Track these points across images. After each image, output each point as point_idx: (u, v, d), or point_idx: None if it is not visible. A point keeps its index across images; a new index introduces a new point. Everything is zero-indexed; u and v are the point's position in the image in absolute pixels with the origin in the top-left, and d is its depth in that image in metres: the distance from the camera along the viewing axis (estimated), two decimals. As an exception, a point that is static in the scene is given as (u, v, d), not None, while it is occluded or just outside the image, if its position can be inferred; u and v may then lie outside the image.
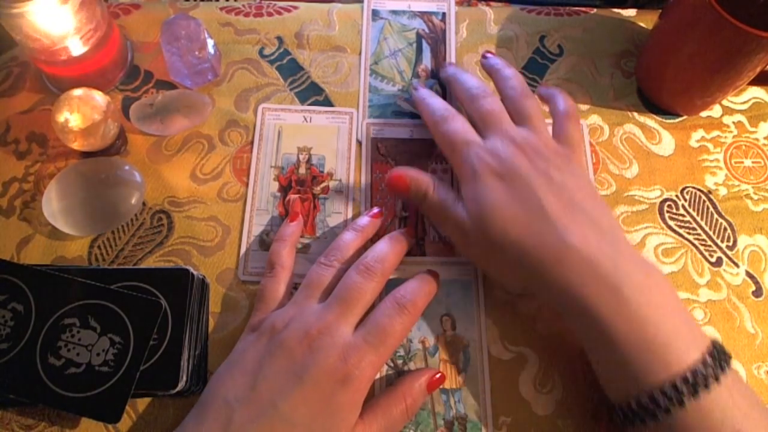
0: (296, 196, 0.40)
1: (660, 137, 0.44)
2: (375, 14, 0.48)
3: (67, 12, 0.37)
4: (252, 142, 0.42)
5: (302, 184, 0.41)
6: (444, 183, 0.37)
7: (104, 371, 0.32)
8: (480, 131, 0.37)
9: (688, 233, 0.41)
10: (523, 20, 0.48)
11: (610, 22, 0.49)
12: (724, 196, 0.43)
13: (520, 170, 0.33)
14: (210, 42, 0.43)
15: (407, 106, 0.44)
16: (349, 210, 0.41)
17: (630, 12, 0.49)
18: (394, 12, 0.48)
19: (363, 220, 0.38)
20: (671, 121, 0.45)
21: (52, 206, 0.38)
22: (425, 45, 0.47)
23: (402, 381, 0.34)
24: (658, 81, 0.44)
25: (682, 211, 0.42)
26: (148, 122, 0.41)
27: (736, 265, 0.40)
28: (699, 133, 0.45)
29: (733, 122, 0.46)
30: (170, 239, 0.39)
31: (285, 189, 0.41)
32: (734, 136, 0.45)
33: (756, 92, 0.47)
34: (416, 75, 0.46)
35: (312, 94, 0.44)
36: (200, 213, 0.40)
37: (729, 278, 0.40)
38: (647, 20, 0.49)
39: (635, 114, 0.45)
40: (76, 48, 0.39)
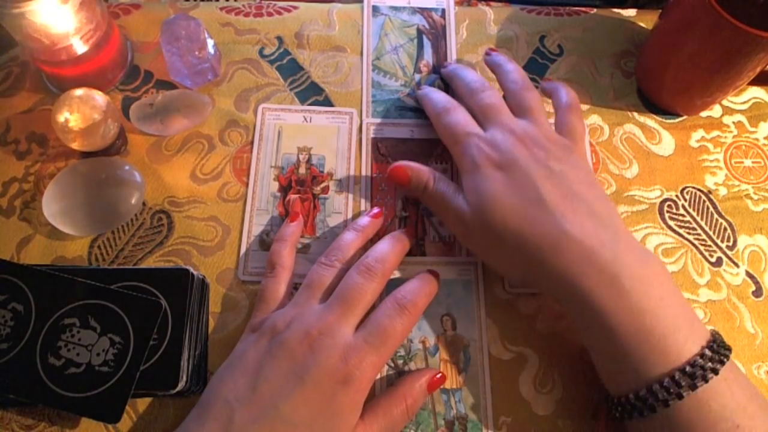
0: (296, 196, 0.40)
1: (660, 137, 0.44)
2: (375, 10, 0.48)
3: (68, 12, 0.37)
4: (252, 142, 0.42)
5: (302, 184, 0.41)
6: (444, 175, 0.38)
7: (104, 371, 0.32)
8: (481, 124, 0.37)
9: (688, 233, 0.41)
10: (523, 20, 0.48)
11: (610, 22, 0.49)
12: (724, 196, 0.43)
13: (519, 161, 0.34)
14: (210, 42, 0.43)
15: (411, 102, 0.44)
16: (349, 210, 0.41)
17: (630, 12, 0.49)
18: (394, 8, 0.48)
19: (363, 220, 0.38)
20: (671, 121, 0.45)
21: (52, 206, 0.38)
22: (426, 41, 0.47)
23: (402, 381, 0.34)
24: (658, 81, 0.44)
25: (682, 211, 0.42)
26: (148, 122, 0.41)
27: (736, 265, 0.40)
28: (699, 133, 0.45)
29: (733, 122, 0.46)
30: (170, 239, 0.39)
31: (285, 189, 0.41)
32: (734, 136, 0.45)
33: (756, 92, 0.47)
34: (418, 70, 0.46)
35: (312, 94, 0.44)
36: (200, 213, 0.40)
37: (729, 278, 0.40)
38: (647, 20, 0.49)
39: (635, 114, 0.45)
40: (77, 48, 0.39)
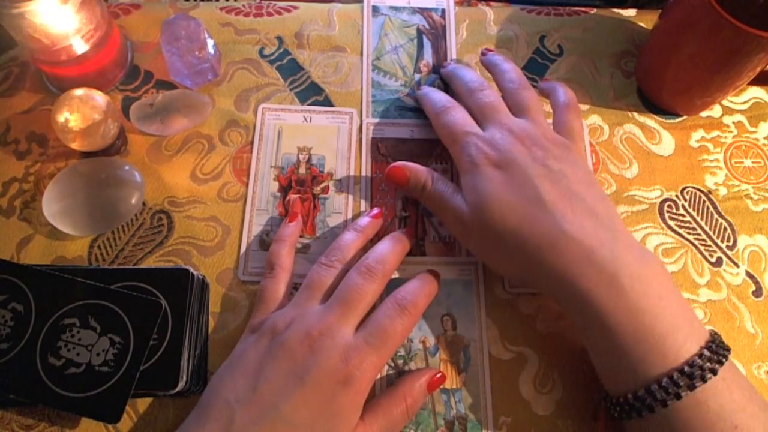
0: (296, 196, 0.40)
1: (660, 137, 0.44)
2: (375, 10, 0.48)
3: (68, 12, 0.37)
4: (252, 142, 0.42)
5: (302, 184, 0.41)
6: (443, 176, 0.38)
7: (104, 371, 0.32)
8: (479, 123, 0.37)
9: (688, 233, 0.41)
10: (523, 20, 0.48)
11: (610, 22, 0.49)
12: (724, 196, 0.43)
13: (518, 160, 0.34)
14: (210, 42, 0.43)
15: (410, 102, 0.44)
16: (349, 210, 0.41)
17: (630, 12, 0.49)
18: (394, 8, 0.48)
19: (363, 221, 0.38)
20: (671, 121, 0.45)
21: (52, 206, 0.38)
22: (426, 41, 0.47)
23: (402, 381, 0.34)
24: (658, 81, 0.44)
25: (682, 211, 0.42)
26: (148, 122, 0.41)
27: (736, 265, 0.40)
28: (699, 133, 0.45)
29: (733, 122, 0.46)
30: (170, 239, 0.39)
31: (285, 189, 0.41)
32: (734, 136, 0.45)
33: (756, 92, 0.47)
34: (418, 70, 0.46)
35: (312, 94, 0.44)
36: (200, 213, 0.40)
37: (729, 278, 0.40)
38: (647, 20, 0.49)
39: (635, 114, 0.45)
40: (77, 48, 0.39)
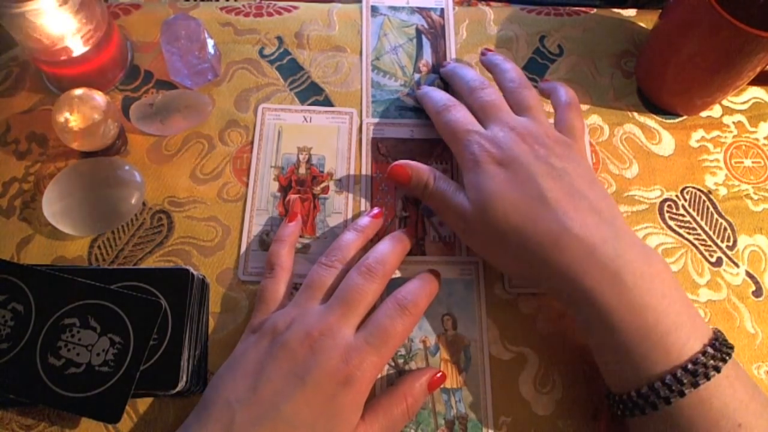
0: (296, 196, 0.40)
1: (660, 137, 0.44)
2: (374, 10, 0.48)
3: (67, 12, 0.37)
4: (252, 142, 0.42)
5: (302, 184, 0.41)
6: (445, 175, 0.37)
7: (104, 371, 0.32)
8: (481, 122, 0.37)
9: (688, 233, 0.41)
10: (523, 20, 0.48)
11: (610, 22, 0.49)
12: (724, 196, 0.43)
13: (521, 158, 0.34)
14: (210, 42, 0.43)
15: (410, 101, 0.44)
16: (349, 210, 0.41)
17: (630, 12, 0.49)
18: (393, 8, 0.48)
19: (364, 220, 0.38)
20: (671, 121, 0.45)
21: (52, 206, 0.38)
22: (425, 40, 0.47)
23: (403, 381, 0.34)
24: (658, 81, 0.44)
25: (682, 211, 0.42)
26: (148, 122, 0.41)
27: (736, 265, 0.40)
28: (699, 133, 0.45)
29: (733, 122, 0.46)
30: (170, 239, 0.39)
31: (285, 189, 0.41)
32: (734, 136, 0.45)
33: (756, 92, 0.47)
34: (417, 70, 0.46)
35: (312, 94, 0.44)
36: (200, 213, 0.40)
37: (729, 278, 0.40)
38: (647, 20, 0.49)
39: (635, 114, 0.45)
40: (76, 48, 0.39)
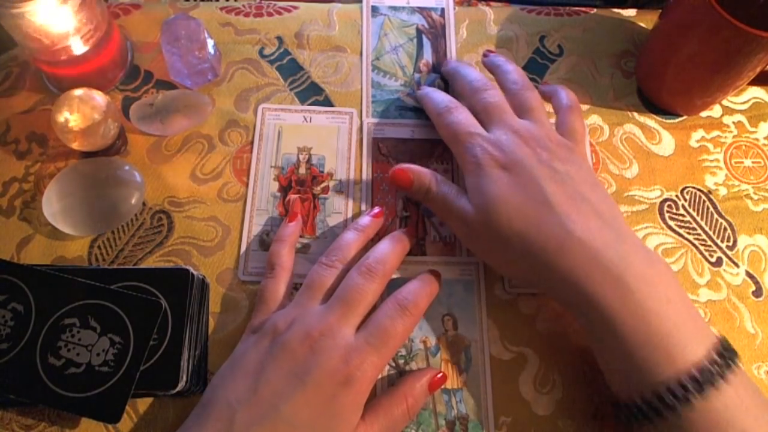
0: (296, 196, 0.40)
1: (660, 137, 0.44)
2: (374, 10, 0.48)
3: (67, 12, 0.37)
4: (252, 142, 0.42)
5: (302, 184, 0.41)
6: (446, 177, 0.37)
7: (104, 371, 0.32)
8: (483, 123, 0.37)
9: (688, 233, 0.41)
10: (523, 20, 0.48)
11: (610, 22, 0.49)
12: (724, 196, 0.43)
13: (524, 161, 0.33)
14: (210, 42, 0.43)
15: (411, 101, 0.44)
16: (349, 210, 0.41)
17: (630, 12, 0.49)
18: (394, 8, 0.48)
19: (364, 220, 0.38)
20: (671, 121, 0.45)
21: (52, 206, 0.38)
22: (425, 40, 0.47)
23: (403, 381, 0.34)
24: (658, 81, 0.44)
25: (682, 211, 0.42)
26: (148, 122, 0.41)
27: (736, 265, 0.40)
28: (699, 133, 0.45)
29: (733, 122, 0.46)
30: (170, 239, 0.39)
31: (285, 189, 0.41)
32: (734, 136, 0.45)
33: (756, 92, 0.47)
34: (418, 70, 0.46)
35: (312, 94, 0.44)
36: (200, 213, 0.40)
37: (729, 278, 0.40)
38: (647, 20, 0.49)
39: (635, 114, 0.45)
40: (76, 48, 0.39)
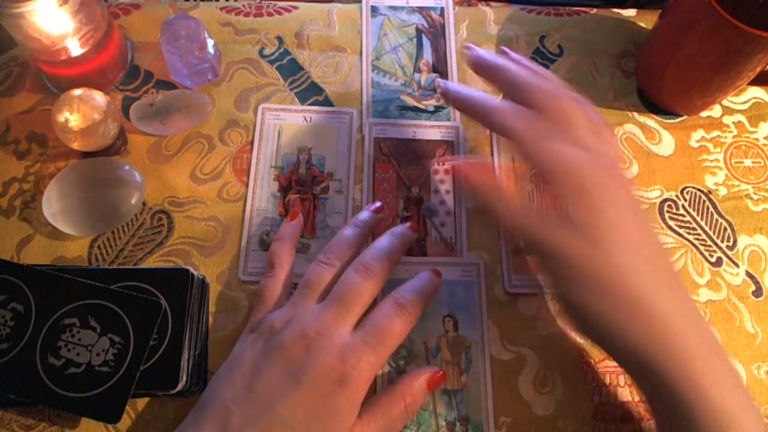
0: (296, 196, 0.40)
1: (660, 137, 0.44)
2: (374, 10, 0.48)
3: (67, 12, 0.37)
4: (252, 142, 0.42)
5: (302, 184, 0.41)
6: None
7: (104, 371, 0.32)
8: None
9: (688, 233, 0.41)
10: (523, 20, 0.48)
11: (610, 22, 0.49)
12: (724, 196, 0.43)
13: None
14: (210, 42, 0.43)
15: (411, 101, 0.44)
16: (349, 210, 0.40)
17: (630, 12, 0.49)
18: (393, 8, 0.48)
19: (364, 215, 0.38)
20: (671, 121, 0.45)
21: (52, 206, 0.38)
22: (425, 40, 0.47)
23: (401, 380, 0.34)
24: (658, 81, 0.44)
25: (682, 211, 0.42)
26: (148, 122, 0.41)
27: (736, 265, 0.40)
28: (699, 133, 0.45)
29: (733, 122, 0.46)
30: (170, 239, 0.39)
31: (285, 189, 0.41)
32: (734, 136, 0.45)
33: (756, 92, 0.47)
34: (418, 69, 0.46)
35: (312, 94, 0.44)
36: (200, 213, 0.40)
37: (729, 278, 0.40)
38: (647, 20, 0.49)
39: (635, 114, 0.45)
40: (76, 48, 0.39)
